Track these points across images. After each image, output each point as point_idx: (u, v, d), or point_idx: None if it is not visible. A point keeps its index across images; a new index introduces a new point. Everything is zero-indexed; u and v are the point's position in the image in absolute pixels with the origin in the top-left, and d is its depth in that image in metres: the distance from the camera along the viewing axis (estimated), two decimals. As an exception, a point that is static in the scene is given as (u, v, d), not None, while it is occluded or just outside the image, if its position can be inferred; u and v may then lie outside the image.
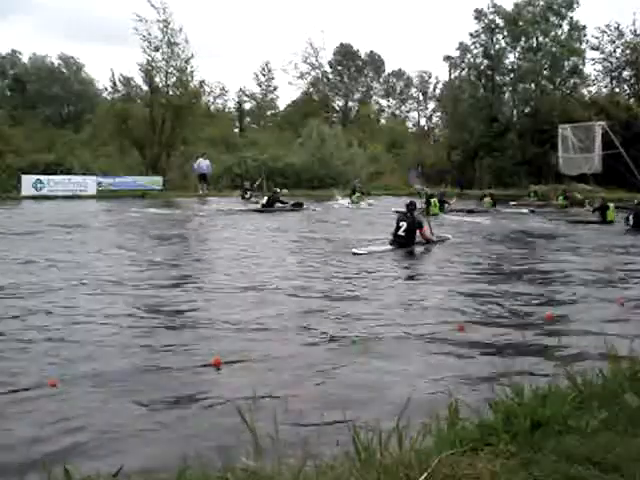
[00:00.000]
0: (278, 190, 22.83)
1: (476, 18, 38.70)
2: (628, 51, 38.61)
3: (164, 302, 6.99)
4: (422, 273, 9.18)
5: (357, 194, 24.94)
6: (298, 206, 21.66)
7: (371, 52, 58.18)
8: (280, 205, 21.13)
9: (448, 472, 2.40)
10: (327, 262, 9.99)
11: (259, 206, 20.78)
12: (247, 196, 25.27)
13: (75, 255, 10.21)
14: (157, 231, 14.19)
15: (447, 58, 44.34)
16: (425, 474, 2.35)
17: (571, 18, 37.16)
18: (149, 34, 30.60)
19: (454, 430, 2.82)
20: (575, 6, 36.84)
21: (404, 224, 11.35)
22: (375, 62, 58.50)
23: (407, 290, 7.74)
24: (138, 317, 6.24)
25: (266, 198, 21.01)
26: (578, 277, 8.86)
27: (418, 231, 11.47)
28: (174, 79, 31.73)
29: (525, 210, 22.80)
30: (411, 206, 11.59)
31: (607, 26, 38.76)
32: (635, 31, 38.07)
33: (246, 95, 55.87)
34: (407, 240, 11.27)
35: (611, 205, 17.81)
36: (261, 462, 2.48)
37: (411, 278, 8.63)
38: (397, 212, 10.47)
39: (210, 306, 6.79)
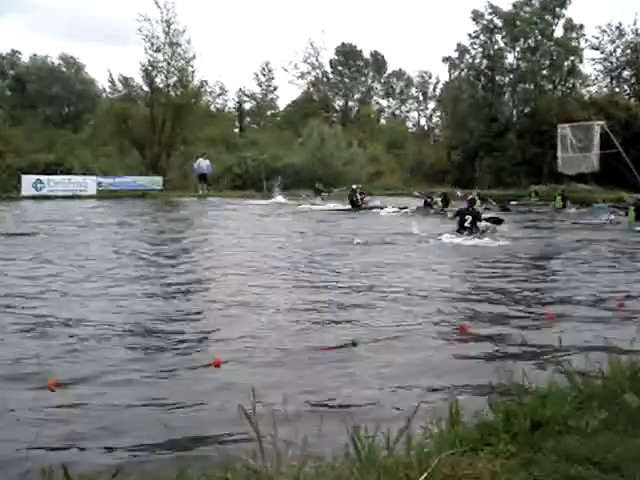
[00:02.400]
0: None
1: (473, 19, 38.66)
2: (628, 51, 38.57)
3: (164, 301, 6.99)
4: (421, 273, 9.18)
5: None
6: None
7: (375, 52, 58.16)
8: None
9: (448, 472, 2.40)
10: (330, 263, 9.99)
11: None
12: (322, 198, 24.38)
13: (88, 255, 10.23)
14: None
15: (446, 59, 44.32)
16: (425, 474, 2.35)
17: (564, 16, 37.06)
18: (152, 35, 30.63)
19: (454, 430, 2.82)
20: (567, 3, 36.68)
21: (469, 217, 13.57)
22: (377, 62, 58.42)
23: (407, 290, 7.73)
24: (138, 316, 6.24)
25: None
26: (578, 278, 8.86)
27: (478, 221, 13.66)
28: (175, 79, 31.72)
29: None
30: (471, 202, 14.51)
31: (608, 25, 38.75)
32: (636, 31, 38.04)
33: (246, 95, 55.80)
34: (472, 229, 13.40)
35: None
36: (261, 462, 2.48)
37: (410, 278, 8.63)
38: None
39: (211, 306, 6.79)
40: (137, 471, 2.85)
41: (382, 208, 21.56)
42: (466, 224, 13.47)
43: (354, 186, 22.99)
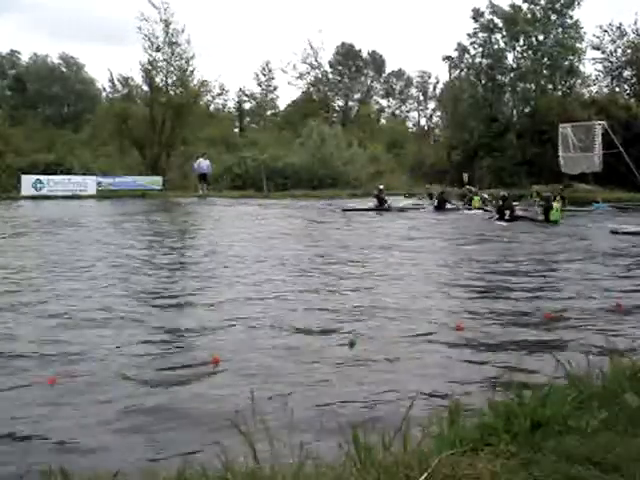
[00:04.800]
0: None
1: (473, 18, 38.64)
2: (629, 51, 38.58)
3: (163, 300, 6.99)
4: (420, 273, 9.17)
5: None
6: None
7: (373, 52, 58.17)
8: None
9: (448, 472, 2.40)
10: (330, 261, 9.99)
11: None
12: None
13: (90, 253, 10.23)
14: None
15: (446, 58, 44.33)
16: (425, 474, 2.35)
17: (570, 17, 37.07)
18: (152, 34, 30.67)
19: (454, 430, 2.81)
20: (576, 5, 36.75)
21: (508, 211, 17.60)
22: (376, 62, 58.43)
23: (405, 290, 7.73)
24: (137, 316, 6.24)
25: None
26: (577, 277, 8.86)
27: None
28: (174, 79, 31.74)
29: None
30: (508, 199, 18.40)
31: (609, 25, 38.79)
32: (637, 30, 38.06)
33: (246, 95, 55.81)
34: (512, 219, 17.44)
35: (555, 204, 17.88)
36: (261, 462, 2.47)
37: (409, 278, 8.63)
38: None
39: (210, 304, 6.79)
40: (137, 471, 2.85)
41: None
42: (506, 217, 17.28)
43: (381, 186, 22.57)
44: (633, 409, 2.98)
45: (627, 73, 39.64)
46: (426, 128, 58.14)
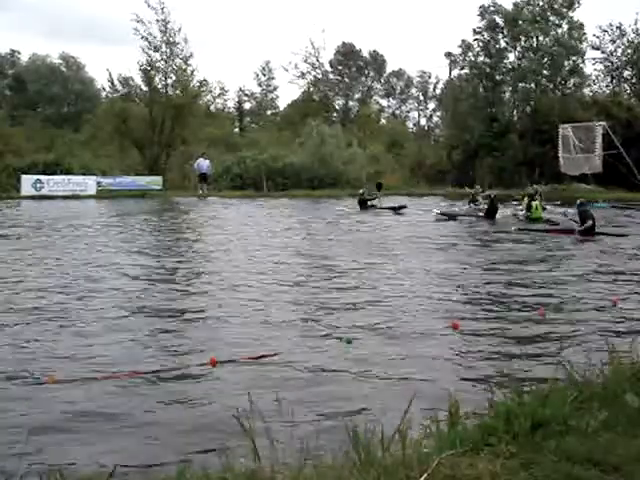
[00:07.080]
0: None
1: (480, 15, 38.56)
2: (629, 51, 38.56)
3: (162, 301, 6.99)
4: (416, 272, 9.16)
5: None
6: None
7: (374, 51, 58.12)
8: None
9: (448, 472, 2.39)
10: (325, 260, 9.99)
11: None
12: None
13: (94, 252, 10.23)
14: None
15: (448, 55, 44.30)
16: (425, 474, 2.34)
17: (571, 17, 37.07)
18: (148, 34, 30.67)
19: (454, 430, 2.81)
20: (576, 6, 36.76)
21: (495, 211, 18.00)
22: (377, 62, 58.38)
23: (401, 289, 7.72)
24: (135, 317, 6.24)
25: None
26: (575, 277, 8.85)
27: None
28: (173, 78, 31.75)
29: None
30: (494, 199, 18.16)
31: (609, 25, 38.77)
32: (637, 30, 38.04)
33: (246, 95, 55.78)
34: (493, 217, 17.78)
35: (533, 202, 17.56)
36: (261, 462, 2.47)
37: (407, 279, 8.62)
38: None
39: (208, 305, 6.79)
40: (137, 471, 2.85)
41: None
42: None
43: (361, 190, 22.11)
44: (633, 410, 2.98)
45: (627, 73, 39.62)
46: (426, 128, 58.13)
